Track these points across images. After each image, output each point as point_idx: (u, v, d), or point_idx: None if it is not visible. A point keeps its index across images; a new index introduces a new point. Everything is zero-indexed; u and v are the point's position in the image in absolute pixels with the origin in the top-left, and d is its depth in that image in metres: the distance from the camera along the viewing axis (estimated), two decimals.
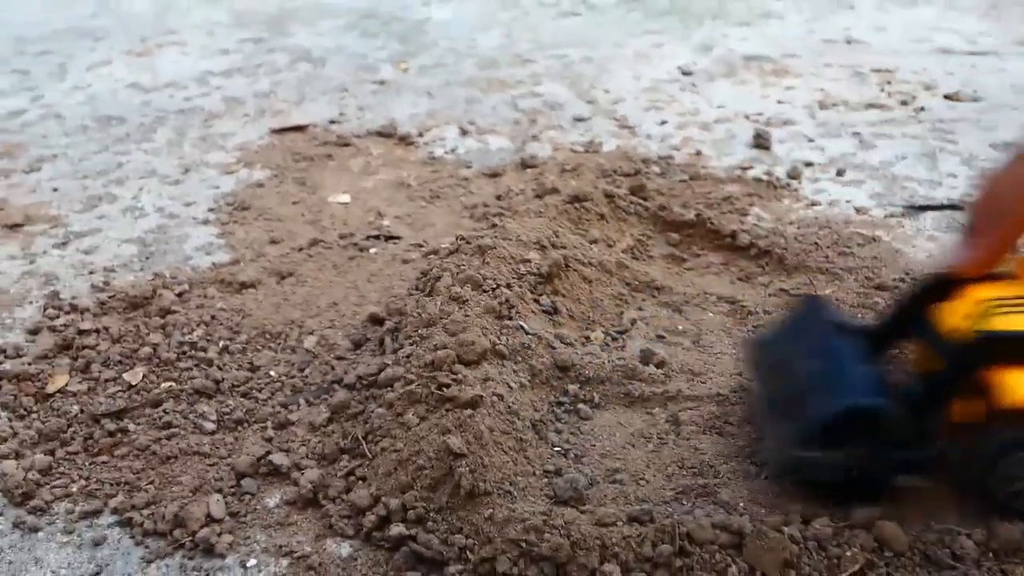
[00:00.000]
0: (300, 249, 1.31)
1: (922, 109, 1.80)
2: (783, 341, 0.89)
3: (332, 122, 1.86)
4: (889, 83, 1.95)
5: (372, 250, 1.31)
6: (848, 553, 0.75)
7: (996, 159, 0.78)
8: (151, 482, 0.88)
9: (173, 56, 2.36)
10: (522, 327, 0.98)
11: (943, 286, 0.81)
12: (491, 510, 0.77)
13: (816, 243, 1.28)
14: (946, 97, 1.85)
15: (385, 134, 1.78)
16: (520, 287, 1.05)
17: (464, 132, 1.79)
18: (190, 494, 0.86)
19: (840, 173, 1.53)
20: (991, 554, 0.76)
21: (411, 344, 0.95)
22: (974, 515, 0.79)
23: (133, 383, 1.02)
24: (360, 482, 0.85)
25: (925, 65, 2.06)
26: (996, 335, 0.75)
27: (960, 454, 0.78)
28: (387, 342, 1.00)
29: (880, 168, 1.55)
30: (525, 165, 1.60)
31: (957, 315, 0.79)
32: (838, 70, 2.05)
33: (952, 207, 1.40)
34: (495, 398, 0.88)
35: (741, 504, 0.82)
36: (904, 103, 1.83)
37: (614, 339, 1.06)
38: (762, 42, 2.29)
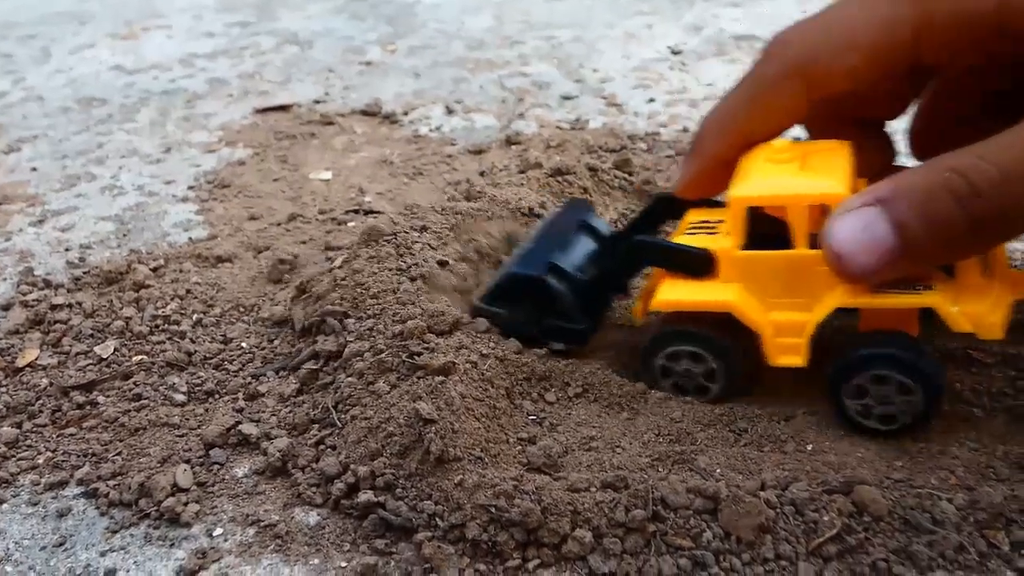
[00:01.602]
0: (278, 224, 1.29)
1: None
2: (538, 227, 1.02)
3: (316, 102, 1.85)
4: None
5: (351, 224, 1.29)
6: (825, 518, 0.74)
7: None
8: (118, 453, 0.86)
9: (158, 39, 2.34)
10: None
11: (672, 206, 0.93)
12: (461, 476, 0.76)
13: None
14: None
15: (370, 113, 1.77)
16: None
17: (450, 111, 1.77)
18: (157, 465, 0.84)
19: None
20: (972, 519, 0.75)
21: (370, 318, 0.93)
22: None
23: (104, 356, 1.01)
24: (330, 450, 0.83)
25: None
26: (645, 242, 0.88)
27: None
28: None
29: None
30: (510, 142, 1.59)
31: (679, 232, 0.88)
32: None
33: None
34: (468, 365, 0.86)
35: (718, 471, 0.80)
36: None
37: None
38: (753, 22, 2.27)
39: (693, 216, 0.90)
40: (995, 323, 0.77)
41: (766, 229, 0.80)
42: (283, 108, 1.81)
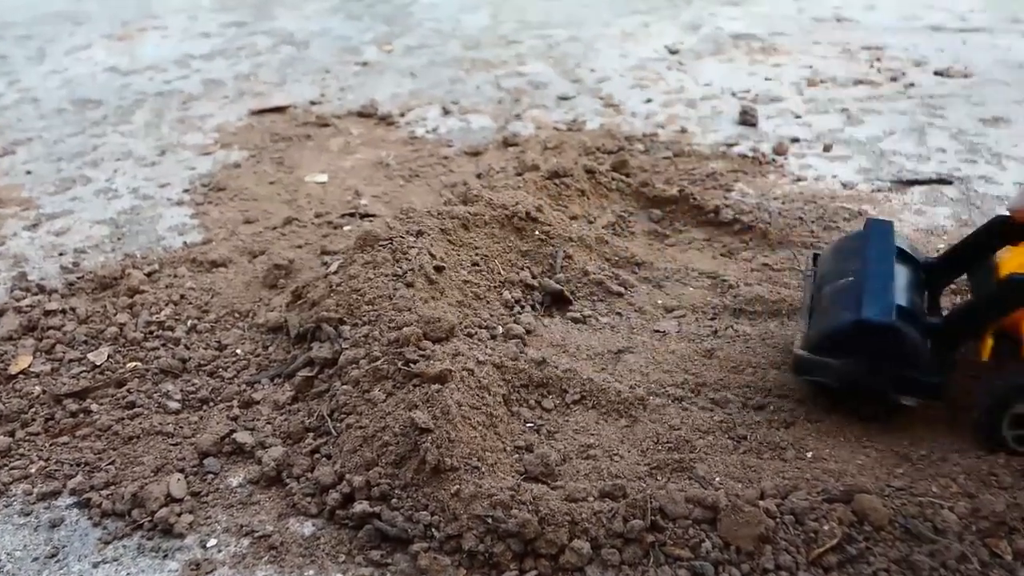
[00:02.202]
0: (273, 228, 1.28)
1: (912, 85, 1.77)
2: (841, 257, 0.90)
3: (313, 103, 1.83)
4: (879, 60, 1.92)
5: (347, 228, 1.28)
6: (826, 527, 0.73)
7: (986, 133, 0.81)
8: (112, 463, 0.85)
9: (154, 40, 2.33)
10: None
11: (1011, 231, 0.82)
12: (457, 486, 0.75)
13: (801, 218, 1.26)
14: (936, 73, 1.82)
15: (366, 114, 1.75)
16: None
17: (446, 112, 1.76)
18: (151, 474, 0.83)
19: (827, 148, 1.50)
20: (974, 527, 0.74)
21: (365, 325, 0.92)
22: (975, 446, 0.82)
23: (98, 363, 0.99)
24: (325, 460, 0.82)
25: (915, 42, 2.03)
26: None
27: (979, 389, 0.79)
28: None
29: (867, 143, 1.52)
30: (507, 143, 1.57)
31: (1016, 261, 0.78)
32: (827, 48, 2.02)
33: (941, 181, 1.37)
34: (464, 373, 0.85)
35: (717, 479, 0.80)
36: (894, 79, 1.80)
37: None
38: (750, 21, 2.26)
39: None
40: None
41: None
42: (279, 109, 1.80)
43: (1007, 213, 0.82)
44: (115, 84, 1.99)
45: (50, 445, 0.89)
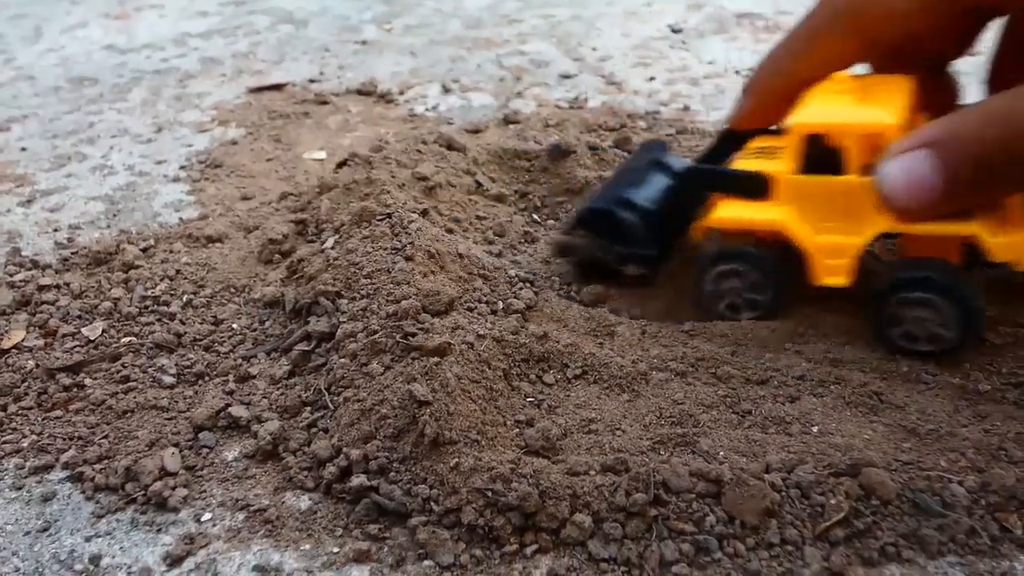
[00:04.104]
0: (269, 203, 1.26)
1: None
2: (618, 168, 1.10)
3: (311, 81, 1.81)
4: None
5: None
6: (832, 501, 0.72)
7: None
8: (105, 436, 0.84)
9: (151, 18, 2.31)
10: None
11: (736, 139, 0.97)
12: (457, 459, 0.73)
13: None
14: None
15: (365, 92, 1.73)
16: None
17: (447, 90, 1.74)
18: (145, 448, 0.82)
19: None
20: (983, 502, 0.72)
21: (363, 298, 0.91)
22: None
23: (92, 338, 0.98)
24: (322, 433, 0.81)
25: None
26: (702, 168, 0.97)
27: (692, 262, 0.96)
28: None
29: None
30: (508, 121, 1.55)
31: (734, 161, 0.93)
32: None
33: None
34: (464, 346, 0.83)
35: (721, 453, 0.78)
36: None
37: None
38: None
39: (754, 144, 0.95)
40: None
41: (822, 157, 0.83)
42: (277, 87, 1.78)
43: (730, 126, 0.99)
44: (111, 62, 1.97)
45: (43, 419, 0.87)
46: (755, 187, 0.86)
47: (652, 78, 1.74)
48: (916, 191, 0.73)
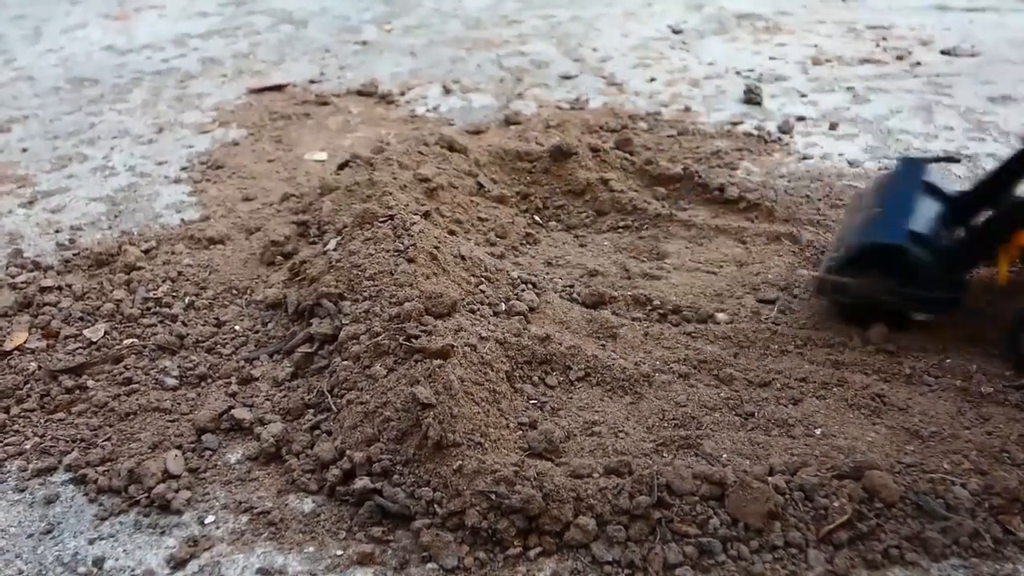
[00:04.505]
0: (271, 205, 1.26)
1: (918, 64, 1.75)
2: (875, 191, 0.98)
3: (312, 82, 1.81)
4: (884, 39, 1.90)
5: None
6: (836, 504, 0.72)
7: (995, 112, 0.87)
8: (108, 439, 0.84)
9: (150, 19, 2.30)
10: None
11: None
12: (460, 462, 0.73)
13: (807, 196, 1.24)
14: (943, 52, 1.80)
15: (365, 93, 1.73)
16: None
17: (447, 91, 1.74)
18: (148, 450, 0.82)
19: (833, 127, 1.48)
20: (986, 504, 0.73)
21: (366, 300, 0.91)
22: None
23: (94, 340, 0.98)
24: (325, 436, 0.81)
25: (922, 21, 2.00)
26: None
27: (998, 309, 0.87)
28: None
29: (874, 122, 1.50)
30: (508, 122, 1.55)
31: None
32: (832, 27, 2.00)
33: (948, 159, 1.35)
34: (467, 348, 0.83)
35: (724, 455, 0.78)
36: (900, 58, 1.78)
37: None
38: (755, 0, 2.24)
39: None
40: None
41: None
42: (278, 88, 1.77)
43: None
44: (112, 63, 1.97)
45: (45, 421, 0.87)
46: None
47: (652, 79, 1.74)
48: None
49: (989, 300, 0.91)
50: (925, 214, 0.90)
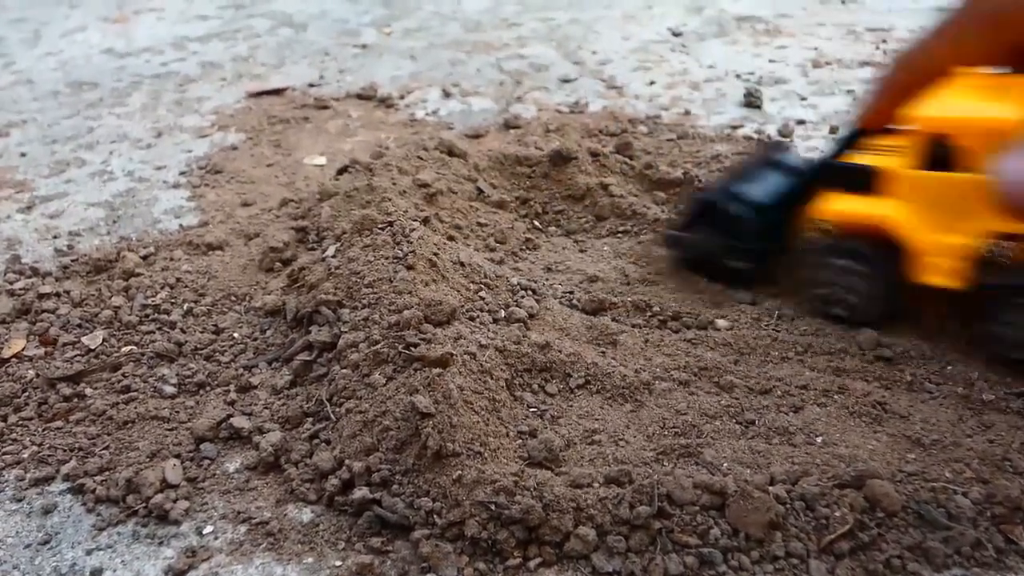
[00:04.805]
0: (270, 210, 1.26)
1: None
2: (735, 167, 1.11)
3: (311, 85, 1.81)
4: (885, 42, 1.90)
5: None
6: (837, 514, 0.71)
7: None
8: (106, 448, 0.84)
9: (150, 22, 2.30)
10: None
11: (857, 136, 0.95)
12: (460, 472, 0.73)
13: None
14: None
15: (365, 96, 1.73)
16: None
17: (447, 94, 1.73)
18: (146, 459, 0.81)
19: (833, 131, 1.48)
20: (988, 513, 0.72)
21: (365, 308, 0.90)
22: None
23: (92, 347, 0.98)
24: (324, 445, 0.80)
25: (922, 23, 1.99)
26: (819, 161, 0.96)
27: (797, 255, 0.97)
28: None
29: None
30: (508, 126, 1.55)
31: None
32: (832, 29, 2.00)
33: None
34: (467, 356, 0.83)
35: (725, 464, 0.78)
36: None
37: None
38: (755, 2, 2.23)
39: (872, 142, 0.93)
40: None
41: (938, 156, 0.81)
42: (277, 92, 1.77)
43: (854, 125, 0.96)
44: (111, 66, 1.97)
45: (43, 430, 0.87)
46: (861, 179, 0.86)
47: (652, 82, 1.74)
48: None
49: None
50: (764, 183, 1.00)
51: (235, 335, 0.98)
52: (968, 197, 0.79)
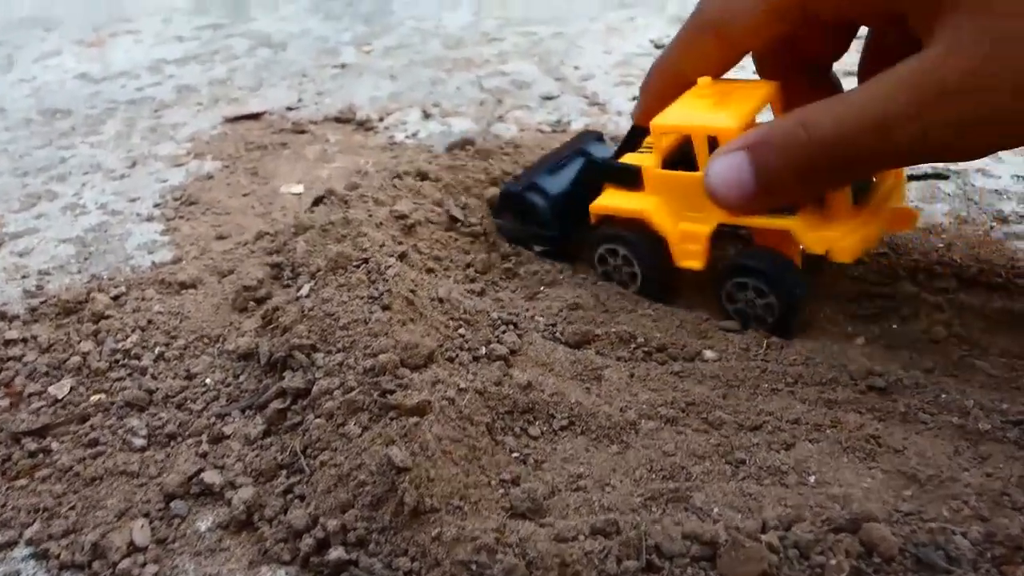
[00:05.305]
0: (245, 244, 1.23)
1: None
2: (546, 154, 1.22)
3: (289, 108, 1.78)
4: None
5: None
6: (832, 561, 0.68)
7: None
8: (72, 507, 0.80)
9: (126, 45, 2.27)
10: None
11: (641, 134, 1.06)
12: (439, 529, 0.70)
13: None
14: None
15: (343, 119, 1.70)
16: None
17: (427, 115, 1.71)
18: (114, 519, 0.78)
19: None
20: (988, 554, 0.69)
21: (340, 352, 0.87)
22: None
23: (59, 397, 0.94)
24: (298, 501, 0.77)
25: None
26: (595, 160, 1.09)
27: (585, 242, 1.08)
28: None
29: None
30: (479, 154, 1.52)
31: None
32: None
33: (937, 176, 1.33)
34: (445, 403, 0.80)
35: (715, 509, 0.75)
36: None
37: None
38: None
39: (646, 140, 1.06)
40: (845, 248, 0.88)
41: (685, 154, 0.94)
42: (254, 116, 1.74)
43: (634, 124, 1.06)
44: (85, 92, 1.93)
45: (7, 489, 0.83)
46: (630, 178, 0.99)
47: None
48: (733, 188, 0.82)
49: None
50: (563, 172, 1.13)
51: (207, 381, 0.95)
52: (700, 193, 0.88)
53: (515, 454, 0.82)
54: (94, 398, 0.94)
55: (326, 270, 0.98)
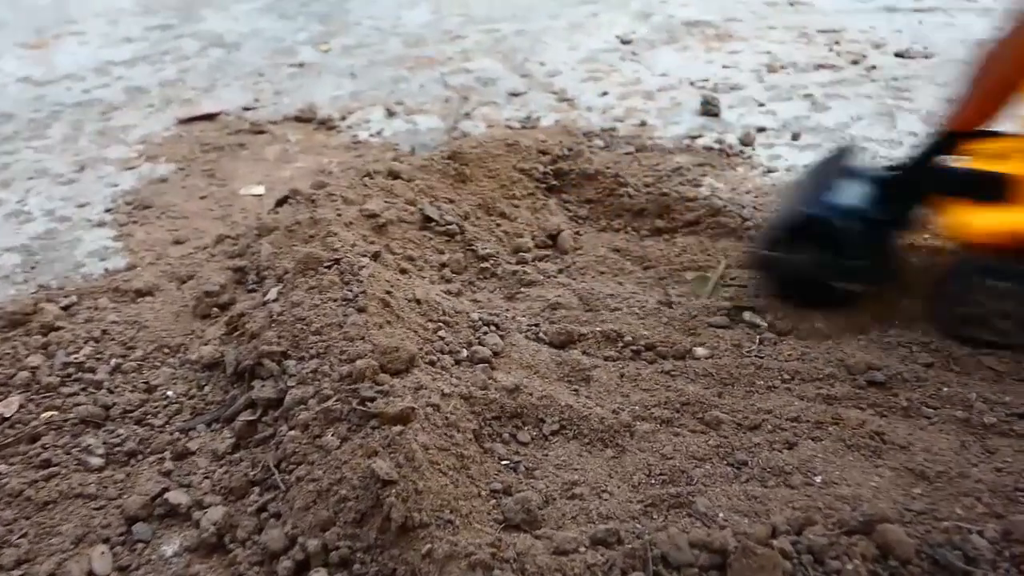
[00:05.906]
0: (205, 248, 1.16)
1: (874, 68, 1.71)
2: (807, 178, 1.01)
3: (246, 109, 1.71)
4: (837, 43, 1.86)
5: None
6: (849, 567, 0.64)
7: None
8: (24, 535, 0.73)
9: (71, 47, 2.17)
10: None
11: (949, 141, 0.88)
12: (429, 545, 0.65)
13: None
14: (897, 55, 1.76)
15: (304, 119, 1.64)
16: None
17: (391, 113, 1.65)
18: (71, 546, 0.72)
19: (795, 137, 1.43)
20: (1007, 552, 0.66)
21: (313, 358, 0.81)
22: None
23: (7, 415, 0.87)
24: (273, 519, 0.71)
25: (872, 24, 1.97)
26: (935, 169, 0.87)
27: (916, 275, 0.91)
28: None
29: (836, 130, 1.46)
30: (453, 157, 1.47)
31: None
32: (783, 32, 1.96)
33: None
34: (429, 409, 0.75)
35: (720, 514, 0.71)
36: (855, 62, 1.74)
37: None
38: (702, 7, 2.19)
39: (971, 148, 0.87)
40: None
41: None
42: (209, 117, 1.67)
43: (943, 129, 0.91)
44: (28, 96, 1.84)
45: None
46: (996, 187, 0.80)
47: (605, 92, 1.67)
48: None
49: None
50: (846, 192, 0.92)
51: (169, 393, 0.88)
52: None
53: (505, 462, 0.77)
54: (45, 415, 0.86)
55: (294, 272, 0.92)
